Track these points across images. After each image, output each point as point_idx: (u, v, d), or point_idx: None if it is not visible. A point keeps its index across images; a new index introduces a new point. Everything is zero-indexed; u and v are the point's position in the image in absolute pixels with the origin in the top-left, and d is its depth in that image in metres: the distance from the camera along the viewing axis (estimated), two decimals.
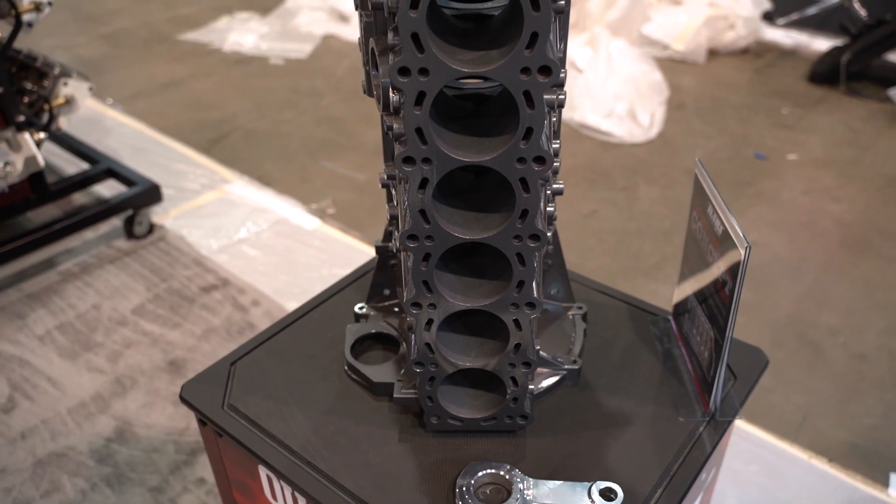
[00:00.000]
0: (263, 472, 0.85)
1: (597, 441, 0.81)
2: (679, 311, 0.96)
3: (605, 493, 0.71)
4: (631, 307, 1.01)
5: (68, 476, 1.47)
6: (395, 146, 0.63)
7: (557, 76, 0.59)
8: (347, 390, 0.88)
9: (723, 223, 0.79)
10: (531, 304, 0.70)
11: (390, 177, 0.78)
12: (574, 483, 0.73)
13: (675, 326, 0.97)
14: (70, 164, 2.49)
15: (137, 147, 2.73)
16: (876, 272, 2.12)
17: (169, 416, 1.60)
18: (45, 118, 2.05)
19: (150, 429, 1.58)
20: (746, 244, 0.73)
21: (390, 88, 0.60)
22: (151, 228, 2.23)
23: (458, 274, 0.74)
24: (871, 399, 1.68)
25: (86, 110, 2.83)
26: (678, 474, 0.77)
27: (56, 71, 2.07)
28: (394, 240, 0.85)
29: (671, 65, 3.48)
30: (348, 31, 3.87)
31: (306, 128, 2.94)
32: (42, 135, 1.99)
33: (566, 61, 0.74)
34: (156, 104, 3.10)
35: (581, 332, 0.93)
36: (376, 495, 0.74)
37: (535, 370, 0.79)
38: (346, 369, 0.90)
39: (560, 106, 0.66)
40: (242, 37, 3.77)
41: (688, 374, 0.90)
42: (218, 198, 2.43)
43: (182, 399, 0.87)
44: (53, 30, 3.75)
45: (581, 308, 0.96)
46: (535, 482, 0.73)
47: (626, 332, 0.97)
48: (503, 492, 0.73)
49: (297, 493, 0.80)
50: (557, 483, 0.73)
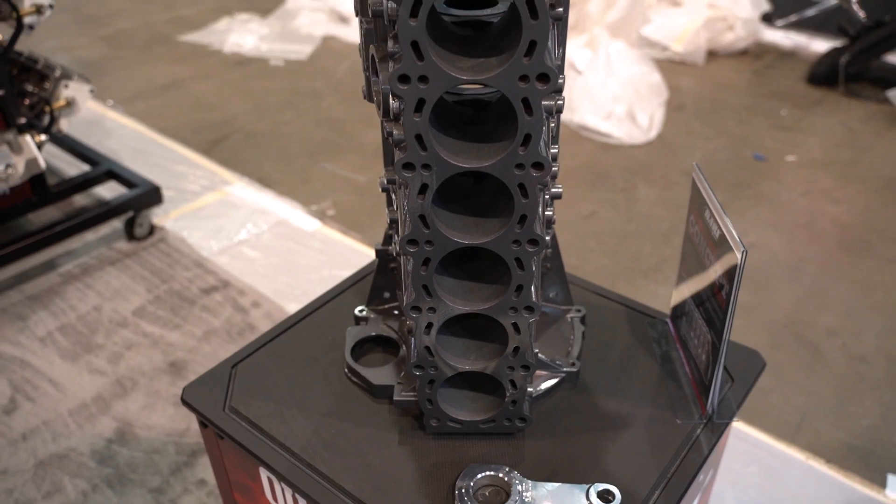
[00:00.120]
0: (264, 474, 0.85)
1: (595, 443, 0.82)
2: (677, 314, 0.97)
3: (603, 495, 0.72)
4: (629, 310, 1.02)
5: (69, 477, 1.48)
6: (395, 152, 0.64)
7: (556, 83, 0.59)
8: (348, 393, 0.88)
9: (720, 227, 0.80)
10: (530, 308, 0.71)
11: (390, 181, 0.78)
12: (572, 485, 0.73)
13: (672, 329, 0.98)
14: (71, 166, 2.49)
15: (138, 148, 2.73)
16: (874, 273, 2.13)
17: (169, 418, 1.61)
18: (46, 120, 2.06)
19: (151, 430, 1.58)
20: (743, 248, 0.74)
21: (390, 95, 0.61)
22: (152, 230, 2.24)
23: (458, 278, 0.74)
24: (870, 400, 1.69)
25: (86, 112, 2.84)
26: (676, 476, 0.78)
27: (57, 73, 2.07)
28: (394, 243, 0.86)
29: (670, 66, 3.49)
30: (348, 32, 3.87)
31: (306, 129, 2.95)
32: (43, 137, 1.99)
33: (565, 65, 0.75)
34: (156, 105, 3.11)
35: (579, 334, 0.94)
36: (376, 497, 0.75)
37: (534, 373, 0.80)
38: (347, 372, 0.91)
39: (558, 111, 0.67)
40: (242, 38, 3.77)
41: (685, 376, 0.90)
42: (218, 199, 2.44)
43: (183, 401, 0.87)
44: (54, 31, 3.76)
45: (579, 311, 0.97)
46: (533, 484, 0.73)
47: (624, 334, 0.98)
48: (502, 493, 0.74)
49: (297, 495, 0.80)
50: (556, 485, 0.73)
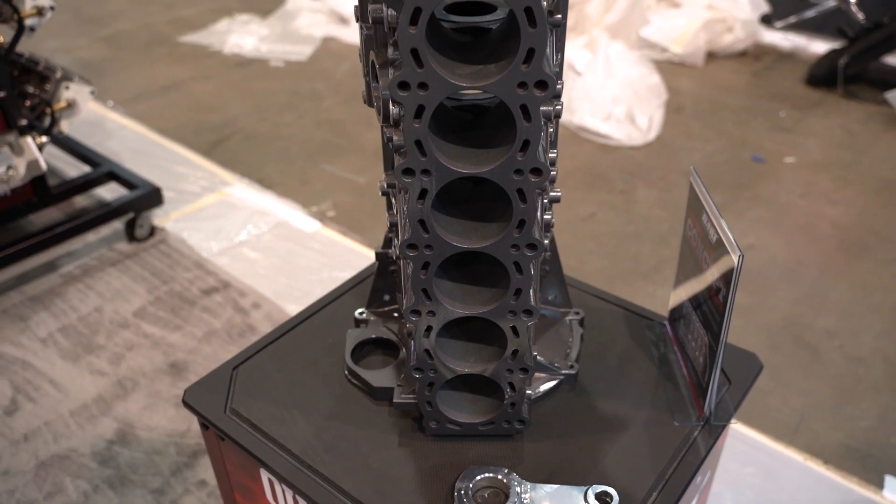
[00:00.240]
0: (265, 476, 0.86)
1: (593, 445, 0.82)
2: (675, 317, 0.98)
3: (601, 497, 0.73)
4: (627, 312, 1.03)
5: (71, 478, 1.48)
6: (395, 157, 0.65)
7: (554, 90, 0.60)
8: (348, 395, 0.89)
9: (717, 231, 0.80)
10: (528, 312, 0.72)
11: (390, 185, 0.79)
12: (570, 487, 0.74)
13: (670, 331, 0.99)
14: (71, 167, 2.50)
15: (138, 150, 2.74)
16: (873, 275, 2.13)
17: (170, 419, 1.62)
18: (47, 122, 2.07)
19: (152, 431, 1.59)
20: (739, 252, 0.74)
21: (390, 101, 0.61)
22: (152, 231, 2.24)
23: (457, 281, 0.75)
24: (867, 401, 1.70)
25: (87, 113, 2.84)
26: (673, 478, 0.78)
27: (58, 75, 2.08)
28: (393, 247, 0.86)
29: (670, 67, 3.49)
30: (348, 33, 3.88)
31: (306, 130, 2.95)
32: (44, 138, 2.00)
33: (564, 66, 0.75)
34: (156, 106, 3.11)
35: (578, 337, 0.94)
36: (376, 498, 0.76)
37: (533, 375, 0.80)
38: (347, 374, 0.91)
39: (557, 116, 0.68)
40: (242, 39, 3.78)
41: (683, 378, 0.91)
42: (218, 200, 2.44)
43: (185, 403, 0.88)
44: (54, 32, 3.76)
45: (578, 313, 0.98)
46: (532, 486, 0.74)
47: (622, 336, 0.99)
48: (501, 495, 0.75)
49: (298, 497, 0.81)
50: (554, 487, 0.74)
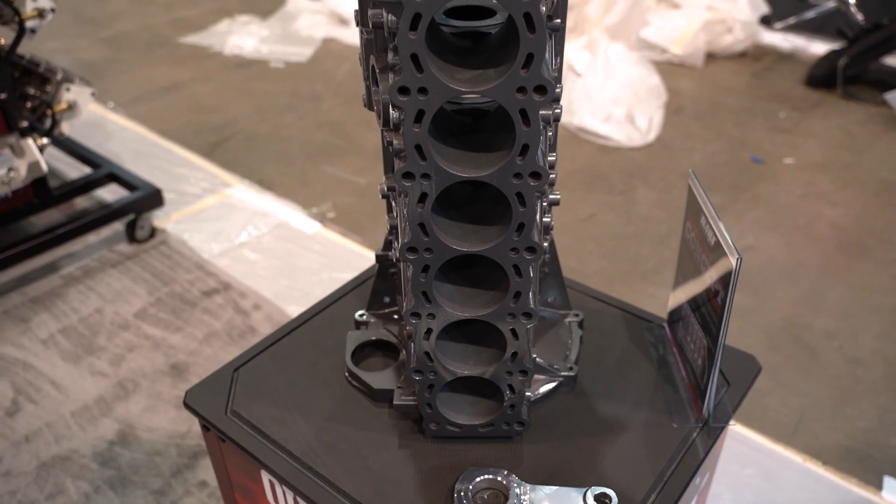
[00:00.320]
0: (266, 477, 0.86)
1: (592, 447, 0.83)
2: (673, 319, 0.98)
3: (600, 499, 0.73)
4: (626, 314, 1.03)
5: (72, 479, 1.49)
6: (395, 161, 0.65)
7: (553, 94, 0.60)
8: (348, 397, 0.89)
9: (715, 234, 0.81)
10: (528, 315, 0.72)
11: (390, 188, 0.79)
12: (570, 488, 0.74)
13: (669, 333, 0.99)
14: (72, 169, 2.50)
15: (139, 151, 2.75)
16: (872, 276, 2.14)
17: (171, 420, 1.62)
18: (47, 123, 2.07)
19: (153, 432, 1.59)
20: (738, 255, 0.75)
21: (390, 106, 0.62)
22: (153, 232, 2.25)
23: (457, 284, 0.75)
24: (866, 402, 1.70)
25: (87, 114, 2.84)
26: (672, 479, 0.79)
27: (59, 76, 2.08)
28: (394, 249, 0.87)
29: (669, 68, 3.50)
30: (348, 34, 3.88)
31: (307, 131, 2.96)
32: (45, 140, 2.01)
33: (564, 68, 0.76)
34: (157, 108, 3.12)
35: (577, 339, 0.95)
36: (376, 500, 0.76)
37: (532, 377, 0.81)
38: (347, 376, 0.92)
39: (556, 120, 0.68)
40: (243, 40, 3.78)
41: (682, 380, 0.92)
42: (219, 202, 2.45)
43: (186, 405, 0.88)
44: (54, 33, 3.77)
45: (577, 315, 0.98)
46: (531, 487, 0.75)
47: (621, 338, 0.99)
48: (500, 497, 0.75)
49: (298, 498, 0.81)
50: (553, 488, 0.74)
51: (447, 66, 0.61)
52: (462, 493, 0.74)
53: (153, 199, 2.22)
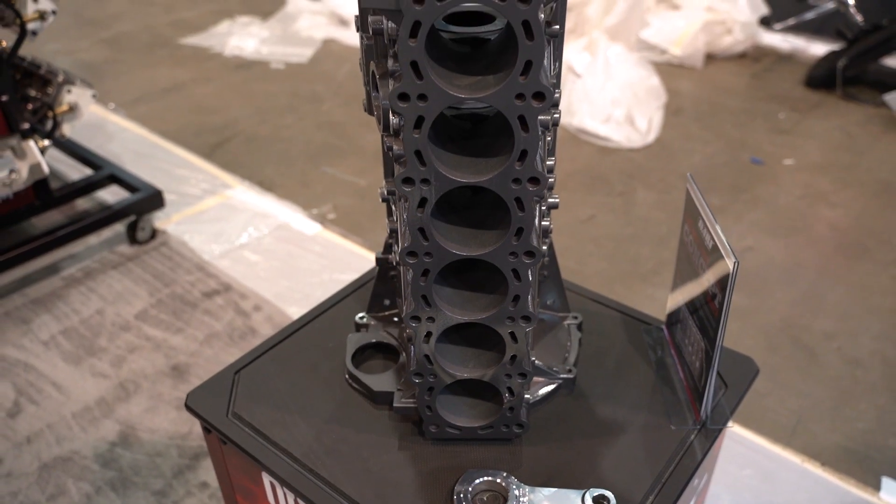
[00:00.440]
0: (266, 479, 0.87)
1: (591, 449, 0.83)
2: (672, 321, 0.99)
3: (599, 500, 0.74)
4: (625, 316, 1.04)
5: (73, 480, 1.49)
6: (395, 166, 0.66)
7: (551, 100, 0.61)
8: (348, 399, 0.90)
9: (712, 237, 0.81)
10: (526, 318, 0.73)
11: (390, 192, 0.80)
12: (568, 490, 0.75)
13: (668, 335, 1.00)
14: (73, 170, 2.51)
15: (140, 152, 2.75)
16: (871, 277, 2.14)
17: (172, 421, 1.63)
18: (49, 125, 2.08)
19: (154, 433, 1.60)
20: (735, 259, 0.75)
21: (390, 112, 0.62)
22: (154, 234, 2.25)
23: (456, 287, 0.76)
24: (865, 403, 1.71)
25: (88, 115, 2.84)
26: (670, 481, 0.79)
27: (60, 78, 2.09)
28: (394, 253, 0.87)
29: (669, 69, 3.51)
30: (349, 35, 3.89)
31: (307, 132, 2.96)
32: (46, 142, 2.01)
33: (564, 69, 0.76)
34: (157, 109, 3.13)
35: (576, 341, 0.95)
36: (377, 501, 0.77)
37: (531, 380, 0.81)
38: (348, 378, 0.92)
39: (555, 125, 0.69)
40: (243, 41, 3.79)
41: (680, 382, 0.92)
42: (219, 203, 2.45)
43: (187, 407, 0.89)
44: (55, 34, 3.77)
45: (576, 318, 0.99)
46: (530, 489, 0.75)
47: (620, 341, 1.00)
48: (500, 499, 0.76)
49: (299, 500, 0.82)
50: (552, 490, 0.75)
51: (446, 73, 0.62)
52: (461, 495, 0.75)
53: (154, 200, 2.23)
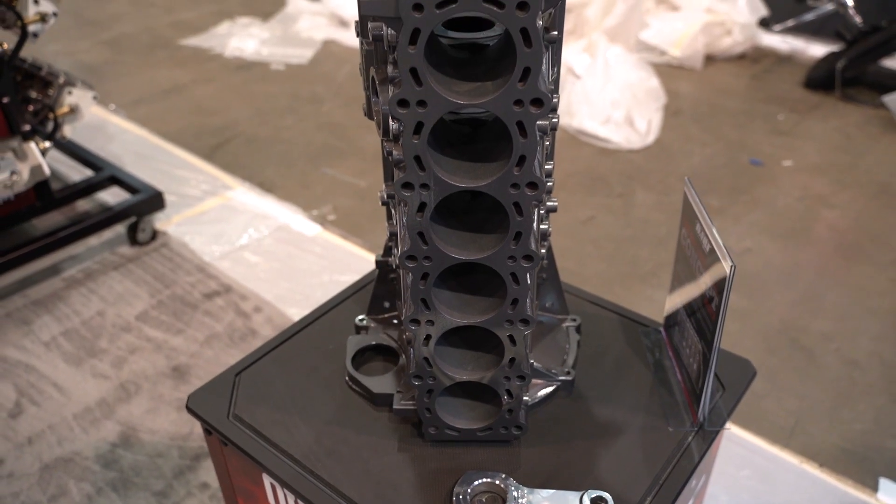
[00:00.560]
0: (267, 480, 0.88)
1: (589, 450, 0.84)
2: (670, 323, 0.99)
3: (597, 502, 0.74)
4: (623, 318, 1.04)
5: (75, 481, 1.50)
6: (395, 171, 0.66)
7: (549, 106, 0.61)
8: (348, 401, 0.91)
9: (710, 241, 0.82)
10: (525, 321, 0.73)
11: (390, 196, 0.81)
12: (566, 491, 0.76)
13: (666, 337, 1.00)
14: (74, 171, 2.52)
15: (140, 153, 2.76)
16: (869, 279, 2.15)
17: (173, 422, 1.63)
18: (49, 127, 2.08)
19: (155, 434, 1.61)
20: (731, 263, 0.76)
21: (390, 117, 0.63)
22: (154, 235, 2.26)
23: (455, 291, 0.77)
24: (863, 405, 1.71)
25: (89, 116, 2.85)
26: (667, 483, 0.80)
27: (61, 80, 2.10)
28: (393, 256, 0.88)
29: (668, 71, 3.51)
30: (349, 36, 3.90)
31: (307, 134, 2.97)
32: (47, 144, 2.02)
33: (563, 70, 0.77)
34: (158, 110, 3.13)
35: (575, 343, 0.96)
36: (376, 503, 0.77)
37: (530, 382, 0.82)
38: (348, 380, 0.93)
39: (553, 129, 0.69)
40: (243, 42, 3.80)
41: (677, 384, 0.93)
42: (220, 204, 2.46)
43: (189, 409, 0.89)
44: (56, 35, 3.78)
45: (575, 320, 0.99)
46: (529, 491, 0.76)
47: (618, 343, 1.00)
48: (498, 500, 0.76)
49: (299, 501, 0.83)
50: (550, 492, 0.76)
51: (446, 79, 0.63)
52: (461, 497, 0.76)
53: (154, 201, 2.23)
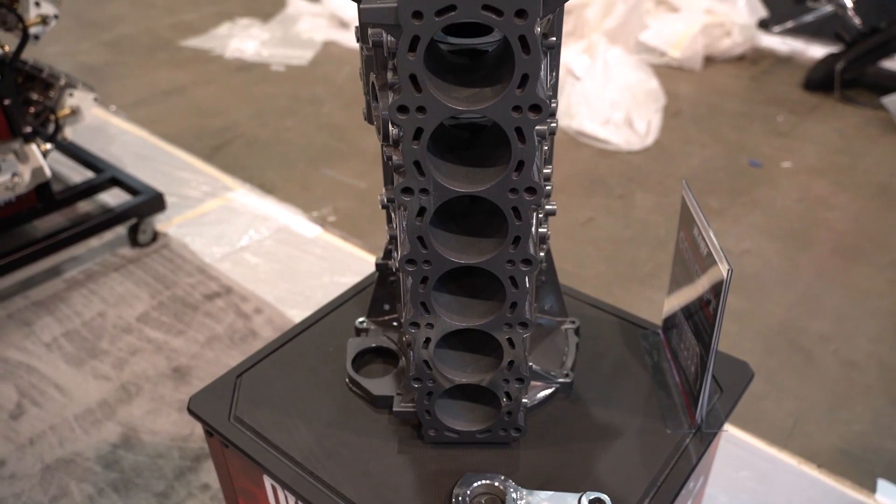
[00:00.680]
0: (268, 482, 0.88)
1: (587, 452, 0.85)
2: (668, 326, 1.00)
3: (595, 503, 0.75)
4: (622, 321, 1.05)
5: (76, 482, 1.51)
6: (395, 176, 0.67)
7: (548, 112, 0.62)
8: (349, 403, 0.91)
9: (707, 244, 0.82)
10: (524, 324, 0.74)
11: (390, 200, 0.81)
12: (565, 493, 0.76)
13: (664, 340, 1.01)
14: (75, 173, 2.52)
15: (141, 155, 2.76)
16: (868, 280, 2.16)
17: (173, 423, 1.64)
18: (51, 128, 2.09)
19: (156, 435, 1.61)
20: (728, 266, 0.77)
21: (389, 123, 0.64)
22: (155, 236, 2.27)
23: (455, 294, 0.77)
24: (861, 406, 1.72)
25: (90, 118, 2.86)
26: (665, 484, 0.81)
27: (62, 82, 2.10)
28: (393, 259, 0.89)
29: (668, 72, 3.52)
30: (349, 37, 3.90)
31: (307, 135, 2.98)
32: (48, 145, 2.02)
33: (563, 72, 0.77)
34: (158, 111, 3.14)
35: (573, 345, 0.96)
36: None
37: (529, 385, 0.82)
38: (348, 382, 0.93)
39: (552, 133, 0.70)
40: (244, 43, 3.80)
41: (675, 386, 0.93)
42: (220, 206, 2.47)
43: (190, 411, 0.90)
44: (56, 37, 3.79)
45: (574, 322, 1.00)
46: (527, 492, 0.76)
47: (617, 345, 1.01)
48: (497, 501, 0.77)
49: (300, 502, 0.83)
50: (549, 493, 0.76)
51: (445, 86, 0.63)
52: (460, 498, 0.76)
53: (155, 203, 2.24)
